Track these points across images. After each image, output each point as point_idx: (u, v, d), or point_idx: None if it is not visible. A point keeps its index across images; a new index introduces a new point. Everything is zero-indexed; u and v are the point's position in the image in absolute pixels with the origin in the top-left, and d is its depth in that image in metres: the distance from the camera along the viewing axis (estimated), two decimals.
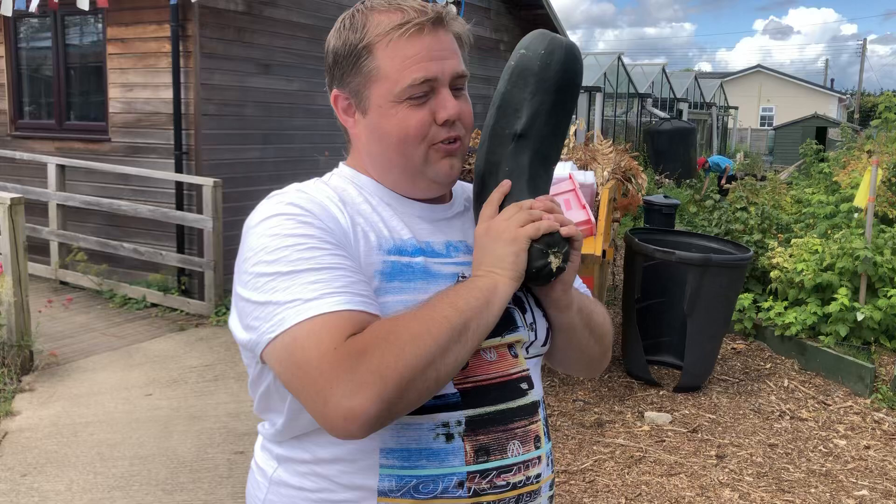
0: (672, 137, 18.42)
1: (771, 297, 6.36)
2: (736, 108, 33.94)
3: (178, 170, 7.22)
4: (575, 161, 5.57)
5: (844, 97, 47.73)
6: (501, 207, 1.24)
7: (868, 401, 5.16)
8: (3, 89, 8.50)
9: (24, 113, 8.60)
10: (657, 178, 14.59)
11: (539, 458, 1.24)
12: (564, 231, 1.21)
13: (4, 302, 5.10)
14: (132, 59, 7.53)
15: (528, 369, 1.27)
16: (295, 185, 1.24)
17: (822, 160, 11.86)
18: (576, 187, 4.87)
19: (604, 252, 4.75)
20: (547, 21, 12.41)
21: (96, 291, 7.19)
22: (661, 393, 5.22)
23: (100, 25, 7.80)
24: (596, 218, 4.86)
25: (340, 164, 1.34)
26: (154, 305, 6.99)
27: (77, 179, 7.67)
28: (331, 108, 1.32)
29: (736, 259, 5.28)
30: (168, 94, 7.23)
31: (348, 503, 1.17)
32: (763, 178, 12.47)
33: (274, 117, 7.96)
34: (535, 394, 1.27)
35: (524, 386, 1.25)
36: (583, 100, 17.37)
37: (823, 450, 4.46)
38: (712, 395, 5.22)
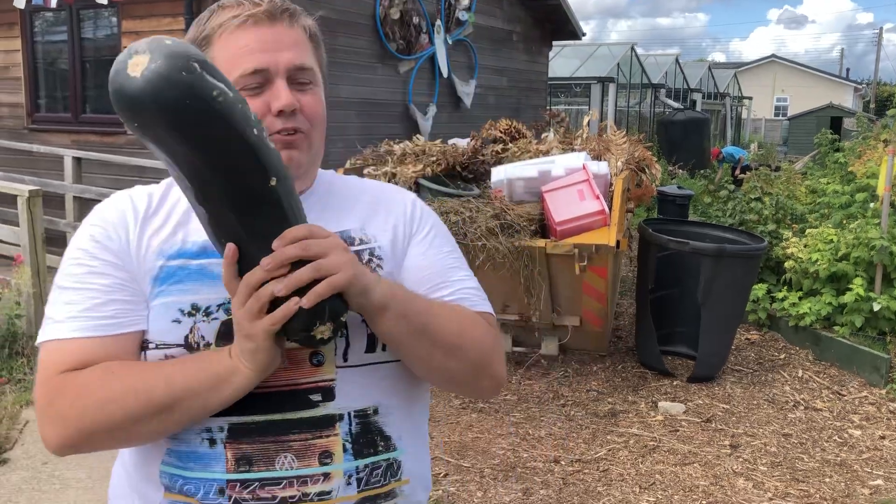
0: (686, 128, 18.32)
1: (785, 288, 6.34)
2: (750, 98, 33.70)
3: None
4: (588, 152, 5.56)
5: (860, 87, 47.30)
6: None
7: (883, 391, 5.15)
8: (20, 83, 8.57)
9: (40, 106, 8.67)
10: (671, 168, 14.53)
11: (327, 475, 1.16)
12: (321, 288, 1.04)
13: (23, 293, 5.16)
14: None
15: (331, 379, 1.18)
16: (137, 187, 1.27)
17: (837, 150, 11.78)
18: (589, 177, 4.87)
19: (617, 242, 4.75)
20: (559, 11, 12.38)
21: None
22: (674, 383, 5.22)
23: (114, 19, 7.85)
24: (610, 208, 4.86)
25: None
26: None
27: (93, 172, 7.73)
28: (343, 101, 1.30)
29: (750, 249, 5.27)
30: None
31: (140, 495, 1.22)
32: (777, 169, 12.40)
33: None
34: (335, 407, 1.18)
35: (316, 397, 1.17)
36: (596, 90, 17.32)
37: (838, 440, 4.45)
38: (726, 385, 5.22)
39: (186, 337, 1.15)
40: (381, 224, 1.30)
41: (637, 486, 3.84)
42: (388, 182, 5.36)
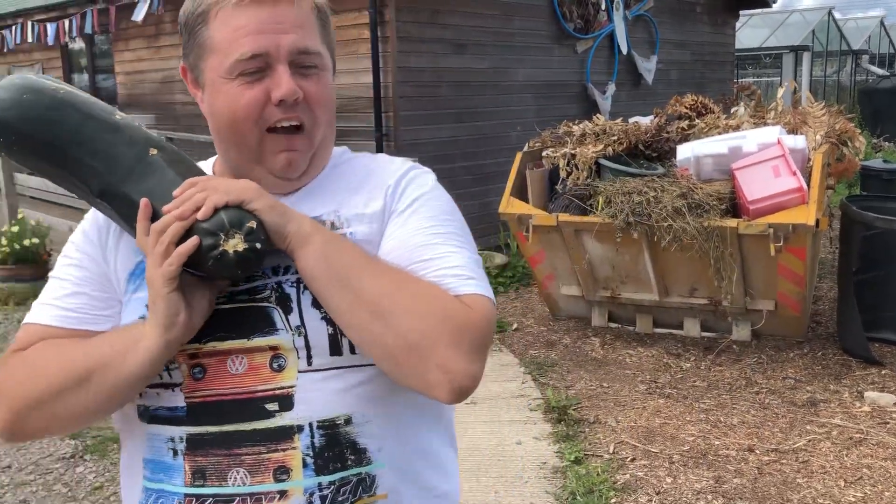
0: (892, 96, 16.78)
1: None
2: None
3: (379, 151, 7.55)
4: (783, 125, 5.24)
5: None
6: None
7: None
8: None
9: None
10: (875, 141, 13.39)
11: (284, 492, 1.05)
12: (215, 196, 1.02)
13: None
14: (337, 46, 7.93)
15: (291, 386, 1.07)
16: None
17: None
18: (785, 153, 4.60)
19: (817, 222, 4.46)
20: None
21: None
22: (882, 372, 4.83)
23: None
24: (808, 185, 4.56)
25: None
26: None
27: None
28: (520, 84, 1.21)
29: None
30: (368, 79, 7.56)
31: None
32: None
33: (466, 96, 8.11)
34: (292, 417, 1.06)
35: (272, 406, 1.06)
36: (788, 61, 16.24)
37: None
38: None
39: None
40: (359, 206, 1.16)
41: (842, 480, 3.60)
42: (568, 164, 5.33)
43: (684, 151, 5.06)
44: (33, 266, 7.08)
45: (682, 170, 5.02)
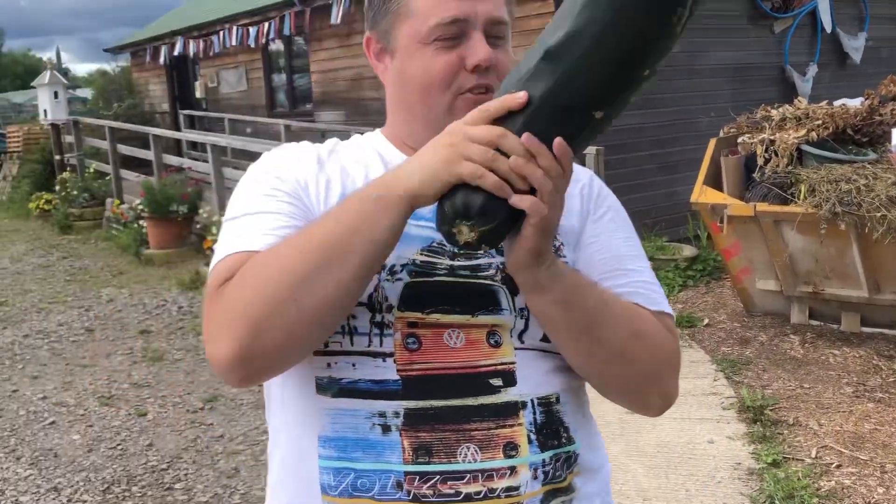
0: None
1: None
2: None
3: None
4: None
5: None
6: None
7: None
8: None
9: None
10: None
11: (513, 468, 1.03)
12: (514, 200, 0.91)
13: None
14: (517, 37, 7.91)
15: (512, 363, 1.06)
16: (303, 143, 1.21)
17: None
18: None
19: None
20: None
21: None
22: None
23: None
24: None
25: (377, 130, 1.24)
26: None
27: None
28: (712, 68, 1.13)
29: None
30: None
31: (300, 498, 1.07)
32: None
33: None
34: (517, 393, 1.05)
35: (496, 382, 1.04)
36: None
37: None
38: None
39: (371, 295, 1.04)
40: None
41: None
42: (766, 151, 5.04)
43: None
44: None
45: None
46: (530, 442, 1.05)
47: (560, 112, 0.93)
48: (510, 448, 1.04)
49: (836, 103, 5.42)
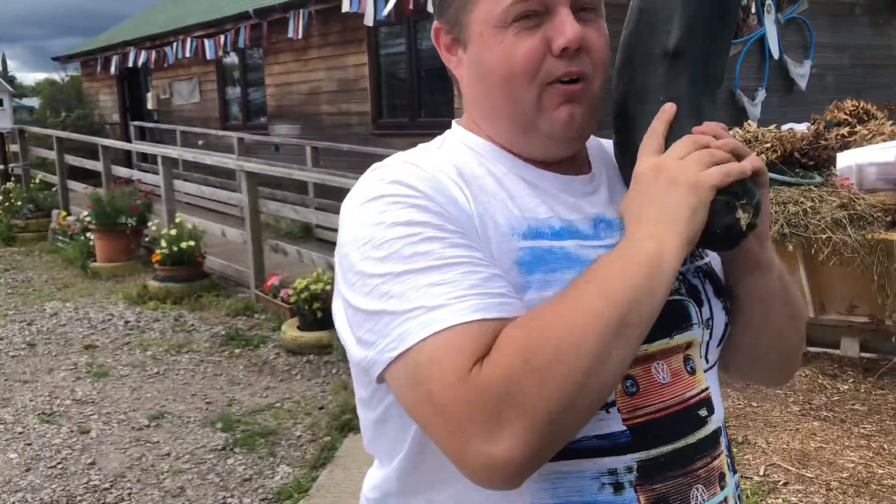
0: None
1: None
2: None
3: None
4: None
5: None
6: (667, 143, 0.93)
7: None
8: (366, 93, 9.55)
9: (382, 113, 9.58)
10: None
11: (725, 499, 0.98)
12: (750, 167, 0.90)
13: None
14: None
15: (707, 388, 1.00)
16: (401, 156, 1.00)
17: None
18: None
19: None
20: None
21: None
22: None
23: None
24: None
25: (453, 122, 1.08)
26: None
27: None
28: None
29: None
30: None
31: None
32: None
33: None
34: (717, 419, 1.01)
35: (703, 413, 0.98)
36: None
37: None
38: None
39: None
40: None
41: None
42: None
43: (845, 159, 4.76)
44: (189, 267, 7.51)
45: (842, 179, 4.73)
46: (729, 468, 1.02)
47: (702, 94, 0.98)
48: (721, 479, 0.99)
49: (784, 127, 5.56)
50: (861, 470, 3.71)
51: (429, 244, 0.86)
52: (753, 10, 8.97)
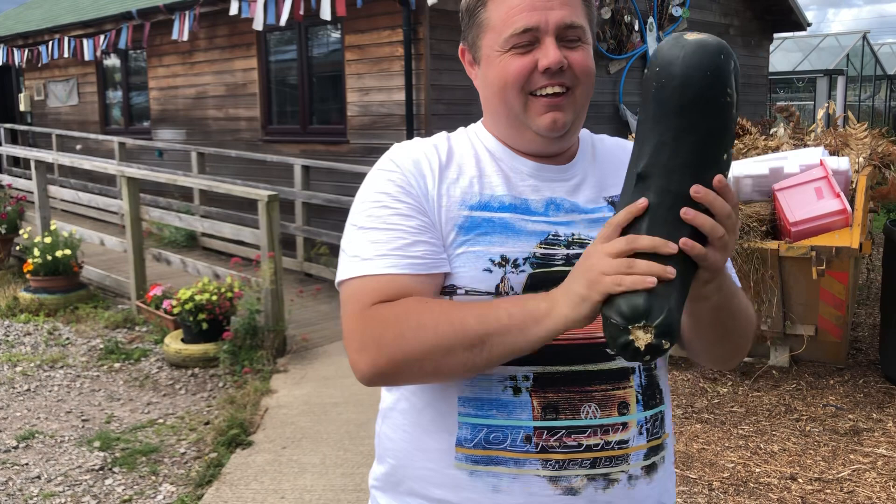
0: None
1: None
2: None
3: None
4: (825, 147, 5.14)
5: None
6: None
7: None
8: (255, 98, 9.32)
9: (272, 119, 9.38)
10: None
11: (624, 424, 1.20)
12: (651, 282, 0.97)
13: (263, 290, 5.58)
14: (368, 64, 7.96)
15: None
16: (416, 139, 1.32)
17: None
18: (828, 174, 4.50)
19: (861, 245, 4.35)
20: (782, 1, 11.62)
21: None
22: None
23: (338, 34, 8.33)
24: (852, 208, 4.46)
25: (480, 121, 1.38)
26: None
27: (319, 179, 8.24)
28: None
29: None
30: (401, 96, 7.57)
31: (435, 451, 1.22)
32: None
33: None
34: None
35: (611, 350, 1.15)
36: (822, 84, 16.09)
37: None
38: None
39: (497, 286, 1.18)
40: None
41: None
42: None
43: None
44: (64, 277, 7.11)
45: None
46: (638, 402, 1.22)
47: (673, 205, 1.01)
48: (623, 406, 1.21)
49: None
50: (740, 469, 3.86)
51: (382, 210, 1.21)
52: (637, 27, 9.31)
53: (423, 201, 1.22)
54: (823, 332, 4.83)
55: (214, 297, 5.56)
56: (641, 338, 0.96)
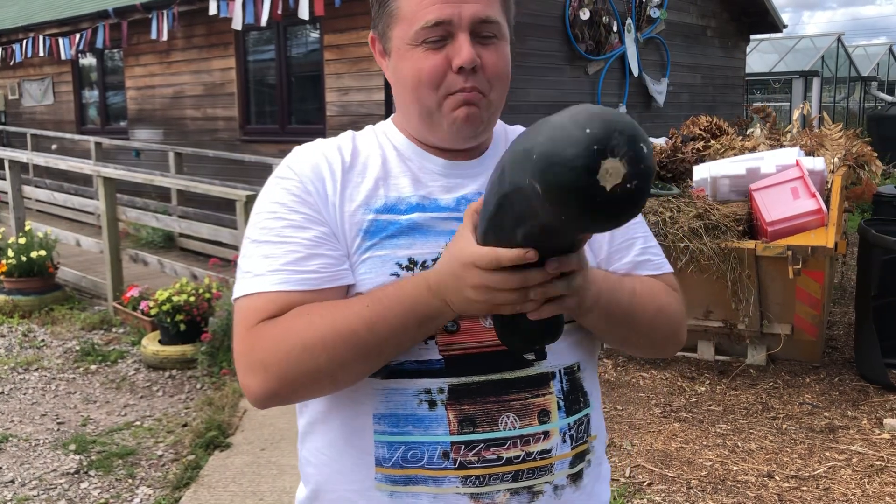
0: None
1: None
2: None
3: None
4: (801, 147, 5.20)
5: None
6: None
7: None
8: (233, 98, 9.27)
9: (251, 119, 9.33)
10: (885, 167, 13.34)
11: (546, 433, 1.15)
12: (537, 316, 1.01)
13: None
14: (347, 63, 7.94)
15: None
16: (319, 140, 1.25)
17: None
18: (804, 174, 4.54)
19: (836, 245, 4.39)
20: (758, 3, 11.73)
21: None
22: None
23: (317, 34, 8.31)
24: (827, 207, 4.51)
25: (391, 117, 1.32)
26: None
27: None
28: (531, 105, 1.30)
29: None
30: (380, 96, 7.56)
31: (355, 472, 1.16)
32: None
33: None
34: (547, 365, 1.17)
35: (529, 356, 1.16)
36: (798, 86, 16.26)
37: None
38: None
39: None
40: None
41: None
42: None
43: (700, 172, 5.01)
44: (39, 278, 7.03)
45: (698, 190, 4.97)
46: (559, 408, 1.17)
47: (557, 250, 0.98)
48: (543, 414, 1.15)
49: None
50: (718, 468, 3.89)
51: (276, 222, 1.14)
52: (615, 28, 9.35)
53: (323, 209, 1.16)
54: (800, 330, 4.88)
55: (192, 298, 5.51)
56: (531, 351, 1.13)
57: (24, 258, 6.85)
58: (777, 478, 3.78)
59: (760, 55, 17.49)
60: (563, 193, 0.83)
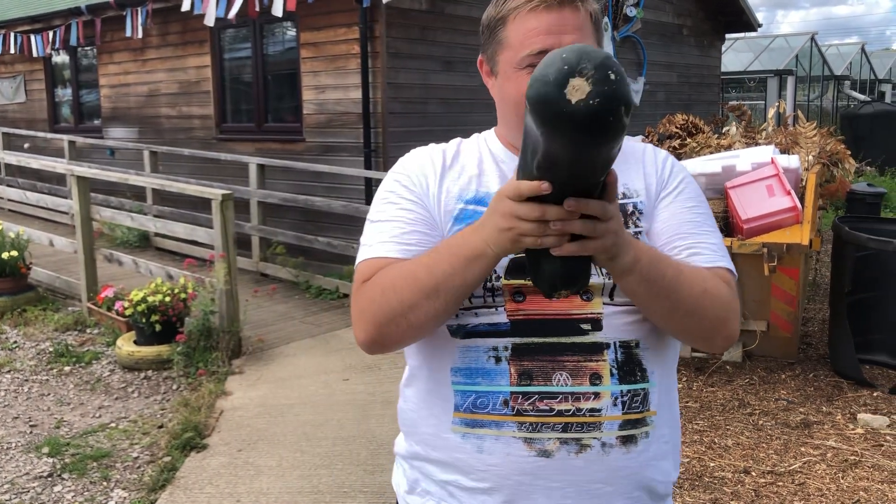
0: (874, 122, 16.97)
1: None
2: None
3: (368, 167, 7.48)
4: (776, 145, 5.24)
5: None
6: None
7: None
8: (209, 96, 9.19)
9: (227, 117, 9.25)
10: (857, 165, 13.50)
11: (597, 394, 1.29)
12: (573, 247, 1.10)
13: (217, 290, 5.50)
14: (324, 62, 7.90)
15: (599, 313, 1.32)
16: (431, 145, 1.49)
17: None
18: (779, 172, 4.58)
19: (811, 242, 4.44)
20: (734, 2, 11.82)
21: (293, 283, 7.61)
22: (875, 394, 4.80)
23: (293, 32, 8.25)
24: (802, 205, 4.55)
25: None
26: (346, 296, 7.29)
27: (275, 178, 8.15)
28: None
29: None
30: (357, 94, 7.52)
31: (434, 417, 1.37)
32: None
33: (455, 113, 8.08)
34: (603, 336, 1.32)
35: (586, 326, 1.31)
36: (773, 84, 16.41)
37: None
38: None
39: None
40: (635, 177, 1.41)
41: (839, 503, 3.55)
42: None
43: None
44: (11, 279, 6.93)
45: None
46: (612, 375, 1.30)
47: (570, 185, 1.07)
48: (595, 378, 1.30)
49: None
50: (695, 464, 3.91)
51: (388, 206, 1.40)
52: None
53: (424, 198, 1.39)
54: (775, 327, 4.93)
55: (168, 299, 5.46)
56: (564, 293, 1.17)
57: None
58: (753, 473, 3.81)
59: (736, 54, 17.63)
60: (539, 104, 0.98)
